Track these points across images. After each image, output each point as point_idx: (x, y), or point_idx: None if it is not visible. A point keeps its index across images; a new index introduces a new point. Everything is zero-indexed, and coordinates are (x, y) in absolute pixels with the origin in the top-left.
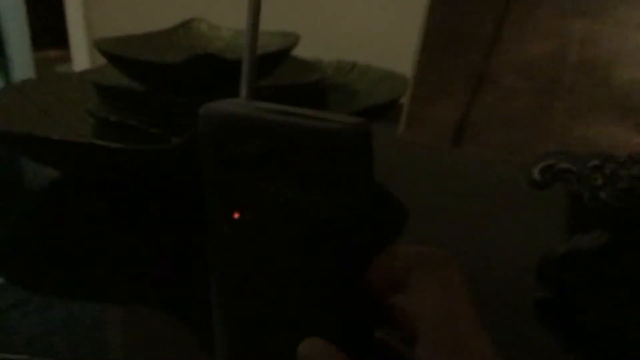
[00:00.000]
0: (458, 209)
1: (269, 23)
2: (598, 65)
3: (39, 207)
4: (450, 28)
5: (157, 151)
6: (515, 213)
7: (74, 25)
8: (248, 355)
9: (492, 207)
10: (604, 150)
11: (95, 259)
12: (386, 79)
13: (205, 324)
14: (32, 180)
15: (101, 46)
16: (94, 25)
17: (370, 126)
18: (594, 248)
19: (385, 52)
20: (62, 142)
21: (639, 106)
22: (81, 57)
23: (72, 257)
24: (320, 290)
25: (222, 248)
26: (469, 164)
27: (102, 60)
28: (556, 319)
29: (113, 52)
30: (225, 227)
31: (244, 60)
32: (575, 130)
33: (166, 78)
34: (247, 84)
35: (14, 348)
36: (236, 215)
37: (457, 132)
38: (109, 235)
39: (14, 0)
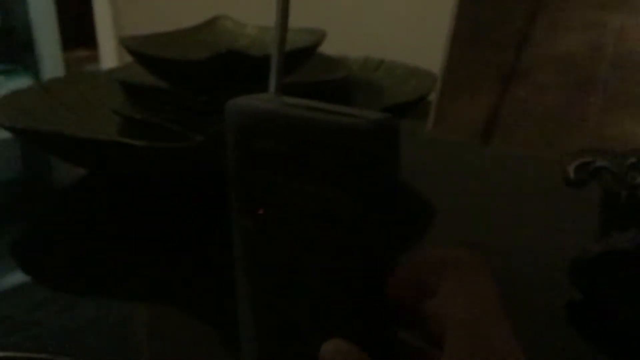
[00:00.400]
0: (487, 207)
1: (295, 19)
2: (636, 60)
3: (65, 205)
4: (480, 23)
5: (181, 149)
6: (546, 212)
7: (102, 25)
8: (273, 352)
9: (522, 206)
10: None
11: (120, 257)
12: (413, 75)
13: (232, 321)
14: (59, 179)
15: (127, 44)
16: (122, 25)
17: (397, 122)
18: (630, 248)
19: (412, 49)
20: (87, 140)
21: None
22: (109, 56)
23: (98, 255)
24: (343, 289)
25: (246, 244)
26: (499, 162)
27: (130, 60)
28: (589, 322)
29: (138, 49)
30: (250, 223)
31: (272, 55)
32: (611, 126)
33: (190, 75)
34: (276, 80)
35: (41, 346)
36: (260, 211)
37: (486, 129)
38: (135, 233)
39: (44, 0)
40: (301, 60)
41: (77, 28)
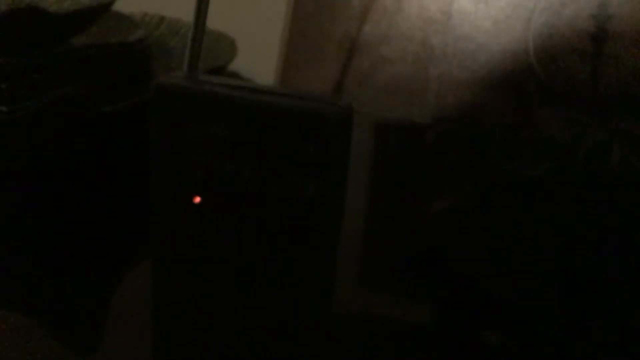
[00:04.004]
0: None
1: None
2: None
3: None
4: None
5: None
6: None
7: None
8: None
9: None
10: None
11: None
12: (211, 40)
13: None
14: None
15: None
16: None
17: (352, 107)
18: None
19: (249, 23)
20: None
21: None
22: None
23: None
24: (297, 285)
25: (175, 237)
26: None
27: None
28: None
29: None
30: (183, 213)
31: (190, 32)
32: (448, 96)
33: None
34: (191, 57)
35: None
36: (197, 200)
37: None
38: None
39: None
40: (94, 18)
41: None
